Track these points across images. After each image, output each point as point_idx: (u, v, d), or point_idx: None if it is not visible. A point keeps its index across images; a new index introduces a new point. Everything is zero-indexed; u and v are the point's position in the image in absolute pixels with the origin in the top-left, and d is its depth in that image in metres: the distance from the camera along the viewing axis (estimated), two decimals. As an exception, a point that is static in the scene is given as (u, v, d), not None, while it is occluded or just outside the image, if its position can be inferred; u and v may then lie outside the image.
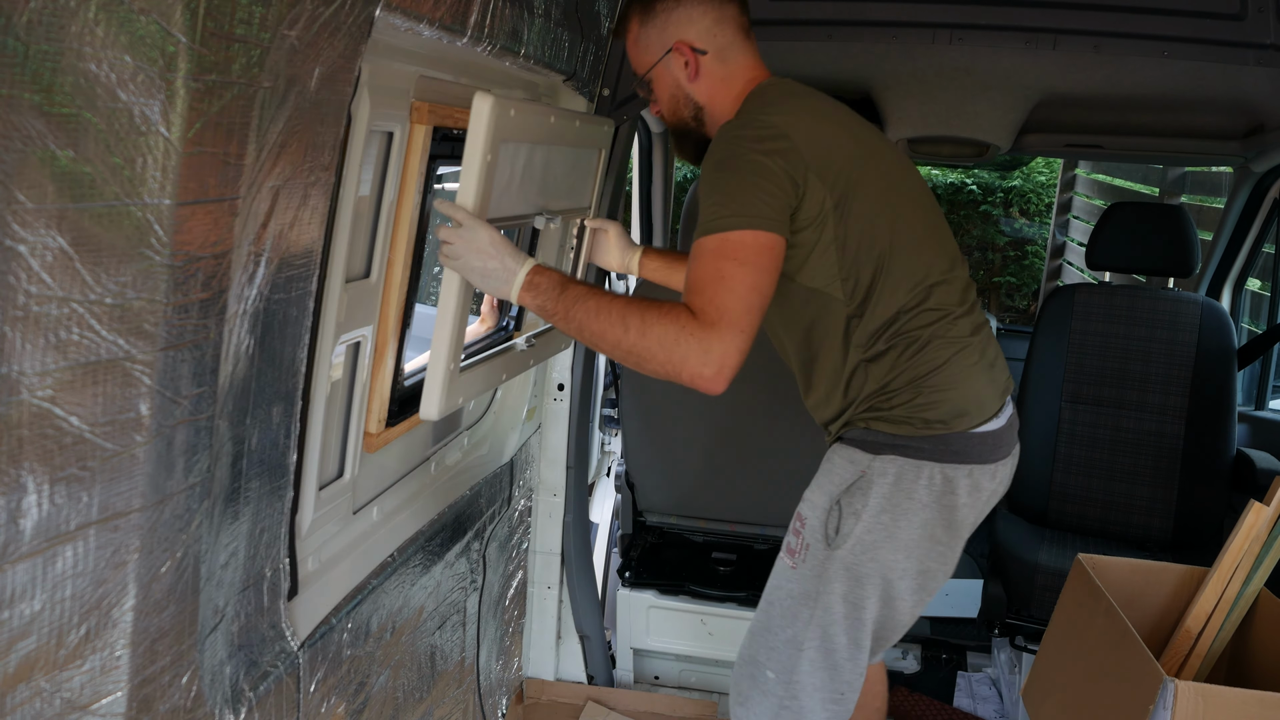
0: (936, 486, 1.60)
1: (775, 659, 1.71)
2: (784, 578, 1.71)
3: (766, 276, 1.45)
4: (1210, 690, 1.46)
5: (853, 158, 1.57)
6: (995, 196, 7.75)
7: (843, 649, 1.67)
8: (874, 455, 1.60)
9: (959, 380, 1.61)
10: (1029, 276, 7.68)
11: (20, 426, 0.73)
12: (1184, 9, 1.97)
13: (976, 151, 2.94)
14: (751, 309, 1.42)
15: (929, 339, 1.60)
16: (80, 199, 0.74)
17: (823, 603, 1.65)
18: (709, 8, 1.67)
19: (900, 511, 1.60)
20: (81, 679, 0.86)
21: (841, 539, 1.61)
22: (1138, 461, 2.82)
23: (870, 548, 1.61)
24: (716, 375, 1.40)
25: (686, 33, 1.67)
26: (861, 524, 1.60)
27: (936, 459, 1.59)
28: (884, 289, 1.59)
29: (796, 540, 1.69)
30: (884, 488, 1.59)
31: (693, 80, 1.69)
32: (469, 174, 1.44)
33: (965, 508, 1.63)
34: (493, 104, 1.42)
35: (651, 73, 1.72)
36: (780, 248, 1.48)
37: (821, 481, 1.68)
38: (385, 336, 1.55)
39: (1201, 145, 2.99)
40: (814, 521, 1.65)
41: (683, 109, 1.73)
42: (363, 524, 1.67)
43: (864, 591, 1.63)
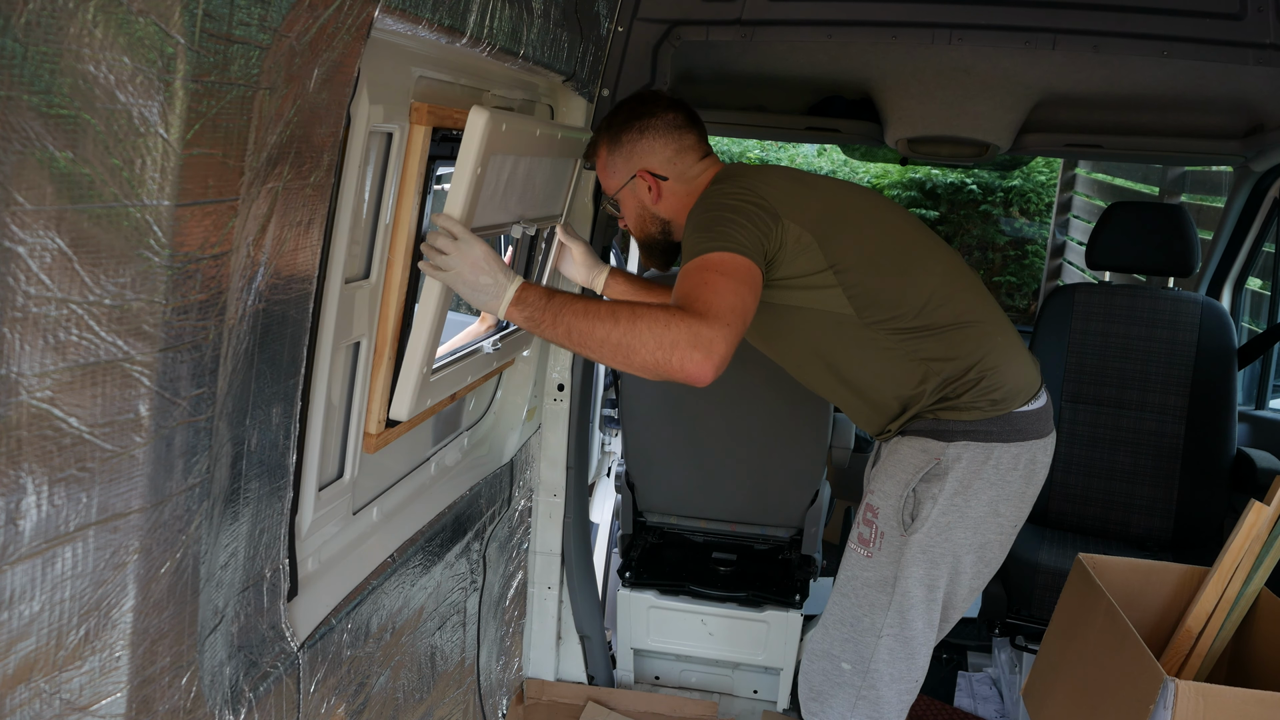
0: (1004, 465, 1.70)
1: (851, 649, 1.78)
2: (859, 567, 1.77)
3: (748, 288, 1.51)
4: (1210, 690, 1.46)
5: (823, 202, 1.72)
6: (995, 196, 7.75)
7: (919, 634, 1.75)
8: (947, 443, 1.69)
9: (1010, 359, 1.73)
10: (1029, 276, 7.68)
11: (20, 427, 0.73)
12: (1184, 9, 1.97)
13: (976, 151, 2.94)
14: (735, 309, 1.46)
15: (967, 324, 1.72)
16: (79, 200, 0.74)
17: (901, 587, 1.72)
18: (668, 141, 1.82)
19: (971, 492, 1.69)
20: (81, 680, 0.86)
21: (919, 523, 1.70)
22: (1138, 461, 2.81)
23: (945, 529, 1.70)
24: (705, 360, 1.41)
25: (649, 162, 1.83)
26: (938, 507, 1.69)
27: (1003, 439, 1.70)
28: (896, 296, 1.69)
29: (870, 530, 1.75)
30: (959, 472, 1.69)
31: (656, 202, 1.85)
32: (460, 185, 1.48)
33: (1024, 480, 1.73)
34: (488, 118, 1.45)
35: (619, 194, 1.88)
36: (756, 273, 1.54)
37: (892, 472, 1.74)
38: (385, 337, 1.55)
39: (1201, 145, 2.99)
40: (888, 510, 1.73)
41: (650, 225, 1.89)
42: (362, 524, 1.68)
43: (938, 572, 1.72)
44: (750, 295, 1.51)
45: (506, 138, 1.55)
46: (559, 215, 2.09)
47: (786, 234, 1.63)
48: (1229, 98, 2.65)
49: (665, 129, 1.82)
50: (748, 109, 3.37)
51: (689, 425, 2.66)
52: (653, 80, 2.14)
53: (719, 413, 2.63)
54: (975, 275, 1.83)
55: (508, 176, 1.69)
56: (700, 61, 2.80)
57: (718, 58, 2.78)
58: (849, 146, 4.82)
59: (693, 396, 2.60)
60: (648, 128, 1.82)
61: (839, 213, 1.71)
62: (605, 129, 1.86)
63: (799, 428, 2.62)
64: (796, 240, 1.64)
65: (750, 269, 1.54)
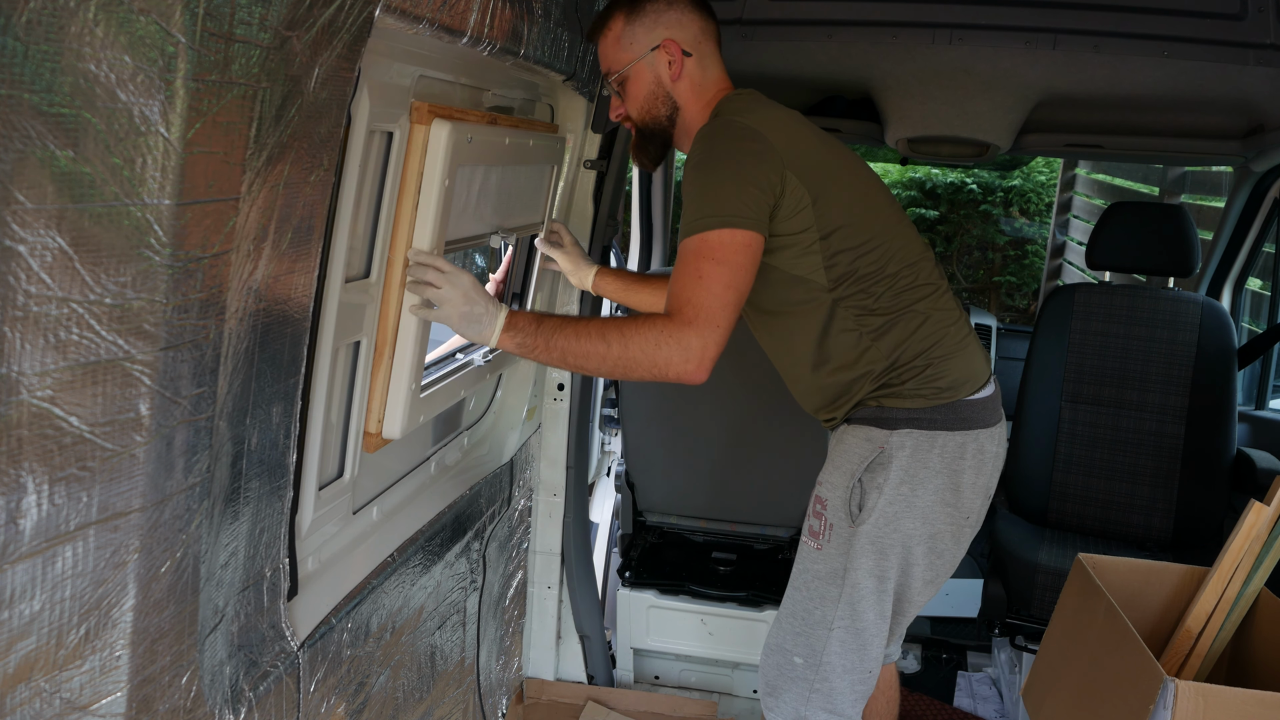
0: (949, 454, 1.70)
1: (803, 643, 1.79)
2: (810, 560, 1.78)
3: (742, 274, 1.56)
4: (1210, 690, 1.46)
5: (822, 156, 1.68)
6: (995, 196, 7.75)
7: (870, 625, 1.75)
8: (890, 431, 1.69)
9: (959, 349, 1.73)
10: (1029, 276, 7.68)
11: (20, 427, 0.73)
12: (1184, 9, 1.97)
13: (976, 151, 2.94)
14: (726, 305, 1.53)
15: (927, 312, 1.71)
16: (80, 199, 0.74)
17: (850, 579, 1.72)
18: (696, 16, 1.76)
19: (917, 481, 1.69)
20: (81, 679, 0.86)
21: (865, 514, 1.69)
22: (1138, 461, 2.82)
23: (892, 519, 1.70)
24: (698, 367, 1.52)
25: (676, 34, 1.74)
26: (884, 497, 1.68)
27: (948, 427, 1.69)
28: (870, 271, 1.68)
29: (819, 522, 1.76)
30: (903, 460, 1.68)
31: (675, 79, 1.76)
32: (428, 200, 1.49)
33: (972, 470, 1.73)
34: (451, 130, 1.47)
35: (631, 69, 1.77)
36: (757, 244, 1.57)
37: (838, 463, 1.74)
38: (385, 336, 1.55)
39: (1201, 145, 2.99)
40: (835, 501, 1.73)
41: (660, 107, 1.79)
42: (363, 524, 1.68)
43: (888, 563, 1.72)
44: (745, 278, 1.56)
45: (474, 149, 1.57)
46: (540, 222, 2.09)
47: (788, 187, 1.60)
48: (1229, 98, 2.64)
49: (692, 5, 1.76)
50: (748, 109, 3.36)
51: (689, 425, 2.66)
52: (653, 80, 2.14)
53: (719, 413, 2.63)
54: (930, 249, 1.80)
55: (479, 187, 1.70)
56: (700, 61, 2.80)
57: (718, 57, 2.78)
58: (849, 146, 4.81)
59: (693, 396, 2.60)
60: (675, 2, 1.74)
61: (833, 169, 1.68)
62: (621, 3, 1.76)
63: (799, 428, 2.62)
64: (794, 197, 1.61)
65: (747, 244, 1.55)
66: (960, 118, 2.80)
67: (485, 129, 1.63)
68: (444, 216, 1.54)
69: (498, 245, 1.88)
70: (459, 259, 2.16)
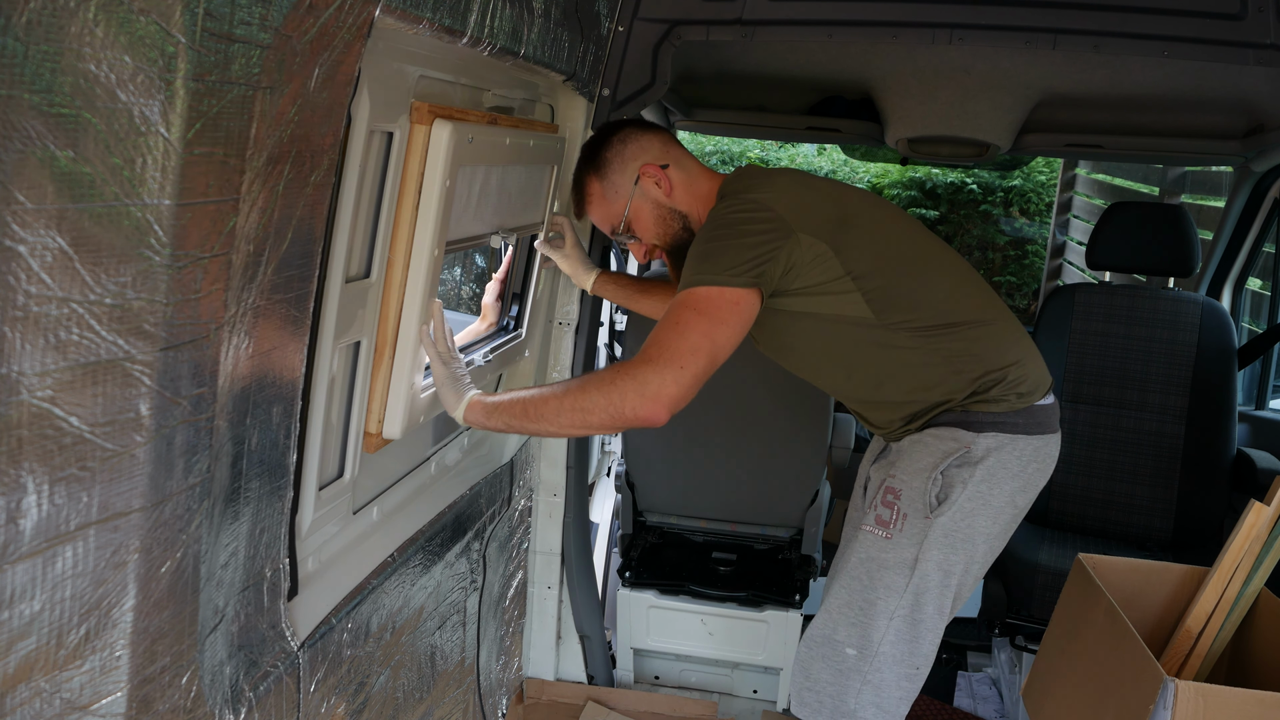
0: (1025, 457, 1.73)
1: (858, 634, 1.77)
2: (877, 548, 1.76)
3: (722, 326, 1.56)
4: (1210, 690, 1.46)
5: (833, 205, 1.72)
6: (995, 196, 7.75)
7: (928, 618, 1.75)
8: (978, 434, 1.71)
9: (1030, 354, 1.78)
10: (1029, 276, 7.68)
11: (20, 426, 0.73)
12: (1184, 9, 1.97)
13: (976, 151, 2.94)
14: (697, 350, 1.53)
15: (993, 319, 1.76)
16: (80, 199, 0.74)
17: (920, 569, 1.72)
18: (652, 135, 1.84)
19: (996, 481, 1.71)
20: (81, 679, 0.86)
21: (947, 506, 1.70)
22: (1138, 461, 2.81)
23: (969, 514, 1.71)
24: (654, 404, 1.51)
25: (645, 157, 1.82)
26: (966, 492, 1.70)
27: (1027, 431, 1.73)
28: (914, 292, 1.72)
29: (890, 512, 1.75)
30: (990, 461, 1.71)
31: (670, 194, 1.82)
32: (429, 201, 1.50)
33: (1038, 474, 1.77)
34: (452, 131, 1.47)
35: (629, 212, 1.83)
36: (746, 300, 1.58)
37: (917, 458, 1.74)
38: (385, 336, 1.55)
39: (1201, 145, 2.99)
40: (912, 491, 1.73)
41: (672, 223, 1.84)
42: (363, 524, 1.68)
43: (956, 557, 1.73)
44: (725, 330, 1.56)
45: (475, 149, 1.58)
46: (540, 222, 2.10)
47: (800, 247, 1.63)
48: (1229, 98, 2.64)
49: (640, 131, 1.84)
50: (748, 109, 3.37)
51: (689, 425, 2.66)
52: (653, 80, 2.14)
53: (719, 413, 2.63)
54: (979, 275, 1.85)
55: (480, 188, 1.71)
56: (700, 61, 2.80)
57: (718, 57, 2.78)
58: (849, 146, 4.82)
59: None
60: (626, 137, 1.83)
61: (849, 217, 1.71)
62: (584, 166, 1.86)
63: (799, 428, 2.62)
64: (812, 251, 1.64)
65: (736, 301, 1.57)
66: (960, 118, 2.80)
67: (486, 129, 1.63)
68: (445, 217, 1.55)
69: (498, 245, 1.88)
70: (459, 259, 2.17)
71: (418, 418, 1.65)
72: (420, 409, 1.66)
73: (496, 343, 2.06)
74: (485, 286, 2.21)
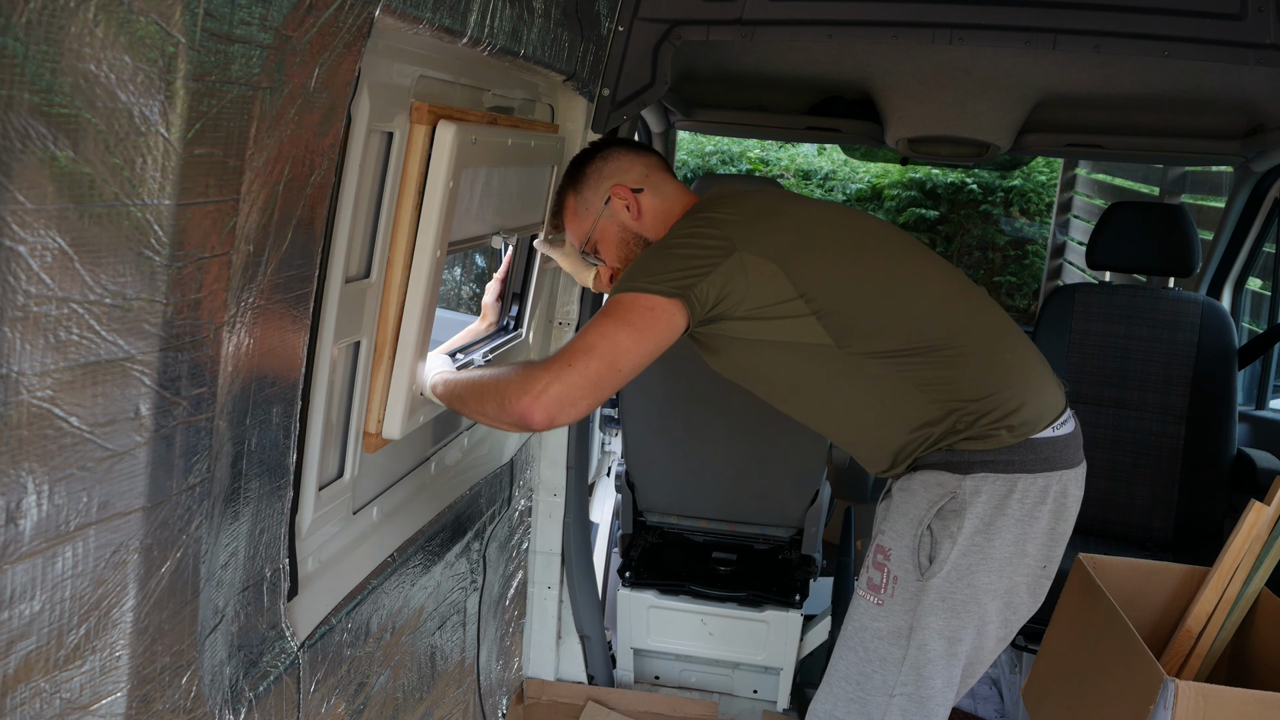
0: (1030, 499, 1.55)
1: (860, 710, 1.62)
2: (869, 617, 1.61)
3: (627, 329, 1.50)
4: (1210, 690, 1.46)
5: (792, 231, 1.62)
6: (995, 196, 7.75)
7: (936, 693, 1.58)
8: (964, 475, 1.54)
9: (1025, 379, 1.59)
10: (1029, 276, 7.68)
11: (20, 426, 0.73)
12: (1184, 9, 1.97)
13: (976, 151, 2.94)
14: (590, 349, 1.48)
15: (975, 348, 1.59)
16: (80, 199, 0.74)
17: (917, 640, 1.57)
18: (636, 157, 1.79)
19: (994, 530, 1.54)
20: (81, 679, 0.86)
21: (937, 566, 1.54)
22: (1138, 461, 2.82)
23: (966, 572, 1.54)
24: (533, 402, 1.45)
25: (621, 178, 1.76)
26: (958, 548, 1.53)
27: (1028, 469, 1.55)
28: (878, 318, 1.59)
29: (880, 574, 1.60)
30: (978, 507, 1.53)
31: (638, 219, 1.76)
32: (432, 202, 1.50)
33: (1054, 516, 1.58)
34: (456, 132, 1.47)
35: (596, 230, 1.79)
36: (664, 308, 1.51)
37: (904, 509, 1.59)
38: (385, 337, 1.55)
39: (1201, 145, 2.99)
40: (901, 551, 1.57)
41: (634, 248, 1.78)
42: (363, 524, 1.68)
43: (960, 622, 1.56)
44: (630, 333, 1.50)
45: (478, 150, 1.58)
46: (540, 222, 2.10)
47: (745, 267, 1.54)
48: (1229, 98, 2.64)
49: (626, 151, 1.79)
50: (748, 109, 3.37)
51: (689, 425, 2.66)
52: (653, 80, 2.14)
53: (719, 412, 2.63)
54: (980, 293, 1.70)
55: (482, 188, 1.71)
56: (700, 61, 2.80)
57: (718, 57, 2.78)
58: (849, 146, 4.82)
59: (693, 397, 2.60)
60: (610, 155, 1.78)
61: (809, 240, 1.62)
62: (565, 179, 1.82)
63: (799, 427, 2.61)
64: (759, 271, 1.55)
65: (650, 307, 1.51)
66: (960, 118, 2.80)
67: (488, 130, 1.63)
68: (448, 218, 1.54)
69: (499, 246, 1.88)
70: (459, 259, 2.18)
71: (418, 418, 1.65)
72: (420, 409, 1.66)
73: (496, 342, 2.06)
74: (485, 286, 2.21)
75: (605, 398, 1.50)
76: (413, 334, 1.57)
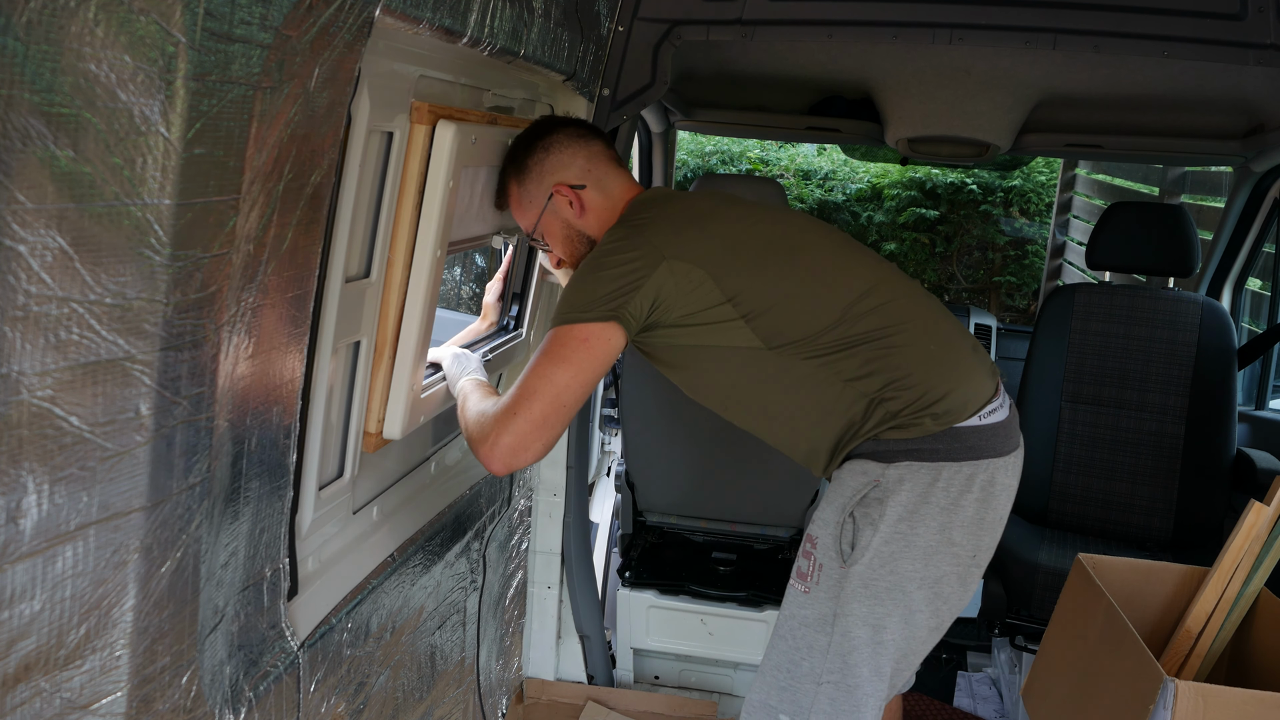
0: (955, 487, 1.56)
1: (790, 699, 1.63)
2: (796, 604, 1.64)
3: (564, 365, 1.55)
4: (1210, 690, 1.46)
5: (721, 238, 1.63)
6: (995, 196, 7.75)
7: (864, 682, 1.59)
8: (887, 464, 1.56)
9: (949, 367, 1.60)
10: (1029, 276, 7.68)
11: (20, 426, 0.73)
12: (1184, 9, 1.97)
13: (976, 151, 2.94)
14: (532, 394, 1.54)
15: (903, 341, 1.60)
16: (80, 199, 0.74)
17: (841, 626, 1.58)
18: (576, 150, 1.76)
19: (918, 518, 1.55)
20: (81, 679, 0.86)
21: (859, 553, 1.56)
22: (1138, 461, 2.82)
23: (889, 559, 1.55)
24: (489, 453, 1.55)
25: (561, 175, 1.75)
26: (879, 535, 1.55)
27: (952, 458, 1.56)
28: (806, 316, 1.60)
29: (808, 563, 1.62)
30: (901, 495, 1.55)
31: (580, 216, 1.76)
32: (431, 202, 1.51)
33: (979, 504, 1.58)
34: (455, 132, 1.47)
35: (541, 223, 1.78)
36: (598, 335, 1.56)
37: (831, 498, 1.62)
38: (385, 337, 1.55)
39: (1201, 145, 2.99)
40: (825, 539, 1.60)
41: (579, 245, 1.79)
42: (363, 524, 1.68)
43: (884, 609, 1.57)
44: (567, 369, 1.55)
45: (478, 150, 1.58)
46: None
47: (672, 274, 1.56)
48: (1229, 98, 2.65)
49: (569, 140, 1.76)
50: (748, 109, 3.37)
51: (689, 425, 2.66)
52: (653, 80, 2.15)
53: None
54: (912, 285, 1.71)
55: (482, 188, 1.71)
56: (700, 61, 2.80)
57: (718, 57, 2.78)
58: (849, 146, 4.82)
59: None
60: (551, 144, 1.75)
61: (738, 245, 1.63)
62: (508, 163, 1.79)
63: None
64: (687, 278, 1.57)
65: (584, 338, 1.55)
66: (960, 118, 2.80)
67: (488, 130, 1.63)
68: (448, 218, 1.55)
69: (499, 246, 1.88)
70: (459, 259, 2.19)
71: (418, 418, 1.65)
72: (420, 409, 1.66)
73: (497, 342, 2.06)
74: (485, 286, 2.21)
75: (559, 433, 1.57)
76: (413, 334, 1.57)
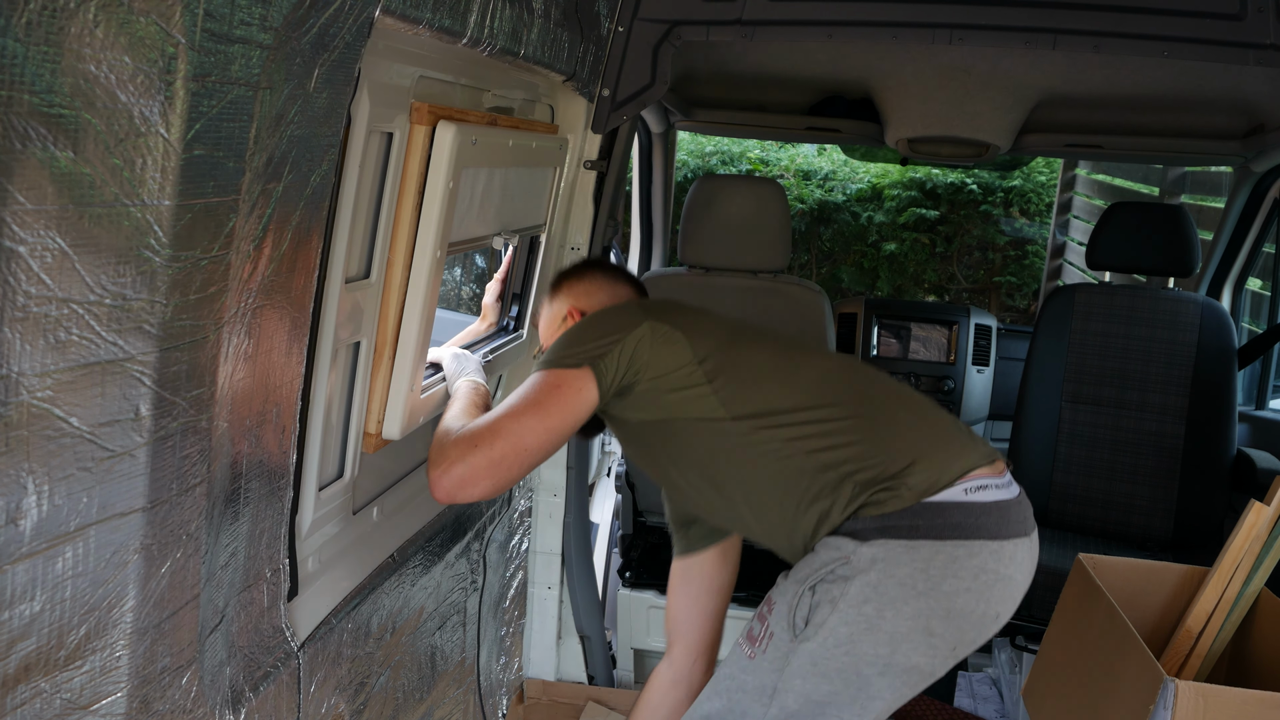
0: (935, 570, 1.40)
1: None
2: (738, 666, 1.53)
3: (532, 409, 1.51)
4: (1210, 690, 1.45)
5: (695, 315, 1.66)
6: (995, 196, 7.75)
7: None
8: (862, 542, 1.42)
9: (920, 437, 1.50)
10: (1029, 276, 7.68)
11: (20, 427, 0.73)
12: (1184, 9, 1.97)
13: (976, 151, 2.94)
14: (495, 431, 1.48)
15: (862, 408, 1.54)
16: (80, 200, 0.74)
17: (779, 701, 1.46)
18: (608, 286, 1.82)
19: (888, 600, 1.40)
20: (81, 679, 0.86)
21: (812, 629, 1.43)
22: (1138, 461, 2.82)
23: (845, 641, 1.42)
24: (439, 477, 1.46)
25: (581, 303, 1.80)
26: (837, 614, 1.42)
27: (934, 535, 1.40)
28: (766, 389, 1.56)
29: (760, 626, 1.51)
30: (871, 575, 1.40)
31: None
32: (432, 203, 1.51)
33: (969, 594, 1.41)
34: (456, 133, 1.47)
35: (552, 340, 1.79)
36: (569, 381, 1.53)
37: (798, 567, 1.51)
38: (385, 337, 1.55)
39: (1201, 145, 2.99)
40: (782, 607, 1.48)
41: None
42: (363, 524, 1.68)
43: (831, 688, 1.44)
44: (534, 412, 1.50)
45: (479, 151, 1.58)
46: (542, 224, 2.10)
47: (652, 331, 1.56)
48: (1229, 98, 2.65)
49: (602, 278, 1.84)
50: (748, 109, 3.37)
51: (689, 425, 2.66)
52: (653, 80, 2.14)
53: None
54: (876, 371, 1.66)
55: (483, 189, 1.71)
56: (700, 62, 2.80)
57: (718, 58, 2.78)
58: (849, 146, 4.82)
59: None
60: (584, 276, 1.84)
61: (713, 324, 1.64)
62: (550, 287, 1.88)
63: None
64: (664, 336, 1.56)
65: (556, 384, 1.53)
66: (960, 118, 2.80)
67: (489, 131, 1.63)
68: (448, 219, 1.55)
69: (499, 247, 1.89)
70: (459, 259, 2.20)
71: (417, 418, 1.65)
72: (420, 410, 1.66)
73: (497, 343, 2.06)
74: (485, 287, 2.21)
75: (513, 478, 1.49)
76: (413, 334, 1.57)
